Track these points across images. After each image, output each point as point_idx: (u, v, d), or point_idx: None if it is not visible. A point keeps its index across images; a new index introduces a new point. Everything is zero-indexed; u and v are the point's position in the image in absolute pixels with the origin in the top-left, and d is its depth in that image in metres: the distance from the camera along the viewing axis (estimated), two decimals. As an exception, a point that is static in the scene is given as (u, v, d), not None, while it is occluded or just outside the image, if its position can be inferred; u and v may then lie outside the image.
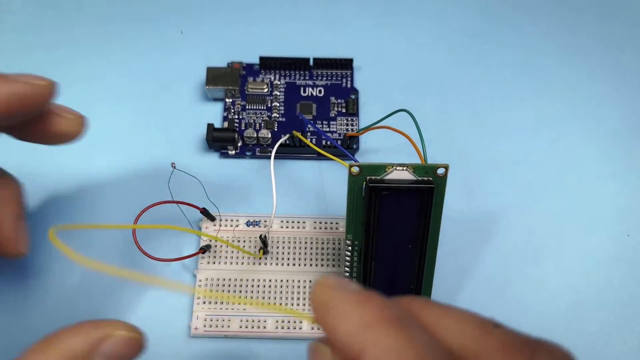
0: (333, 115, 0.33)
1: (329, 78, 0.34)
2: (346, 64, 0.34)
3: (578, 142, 0.34)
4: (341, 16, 0.37)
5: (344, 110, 0.33)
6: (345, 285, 0.16)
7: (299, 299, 0.28)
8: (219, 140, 0.31)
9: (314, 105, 0.33)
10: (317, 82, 0.34)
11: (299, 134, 0.30)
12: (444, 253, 0.29)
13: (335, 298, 0.16)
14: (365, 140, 0.33)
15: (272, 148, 0.29)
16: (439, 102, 0.35)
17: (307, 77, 0.34)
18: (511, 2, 0.38)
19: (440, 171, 0.24)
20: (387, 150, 0.32)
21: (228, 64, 0.34)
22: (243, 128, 0.33)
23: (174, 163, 0.27)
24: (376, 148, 0.33)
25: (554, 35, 0.37)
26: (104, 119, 0.32)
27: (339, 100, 0.34)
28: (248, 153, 0.32)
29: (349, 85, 0.34)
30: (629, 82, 0.36)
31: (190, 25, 0.37)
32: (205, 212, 0.29)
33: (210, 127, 0.31)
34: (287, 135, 0.30)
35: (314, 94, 0.34)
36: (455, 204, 0.31)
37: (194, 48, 0.36)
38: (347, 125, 0.33)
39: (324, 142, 0.32)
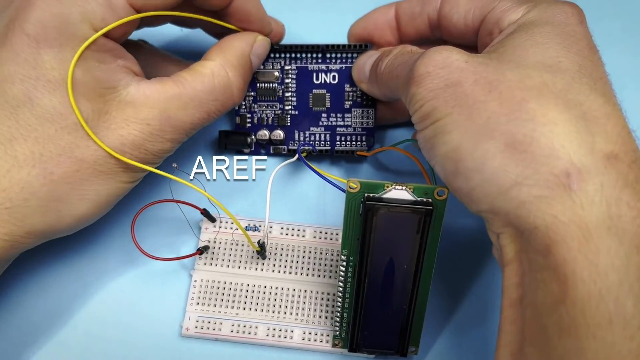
0: (348, 106, 0.31)
1: (344, 61, 0.31)
2: (362, 49, 0.31)
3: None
4: (353, 9, 0.35)
5: (359, 100, 0.31)
6: None
7: (292, 307, 0.28)
8: (231, 144, 0.31)
9: (328, 95, 0.31)
10: (331, 66, 0.31)
11: (305, 152, 0.30)
12: (440, 269, 0.29)
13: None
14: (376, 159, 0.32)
15: (285, 146, 0.28)
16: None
17: (319, 61, 0.31)
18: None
19: (441, 193, 0.23)
20: (395, 167, 0.32)
21: None
22: (256, 123, 0.32)
23: (175, 164, 0.27)
24: (385, 163, 0.32)
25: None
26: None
27: (354, 88, 0.31)
28: (262, 151, 0.32)
29: None
30: (628, 83, 0.34)
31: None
32: (205, 213, 0.29)
33: (221, 134, 0.31)
34: (295, 157, 0.29)
35: (328, 80, 0.31)
36: (454, 221, 0.30)
37: (196, 44, 0.35)
38: (362, 117, 0.31)
39: (337, 145, 0.31)
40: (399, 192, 0.23)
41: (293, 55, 0.31)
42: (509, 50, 0.21)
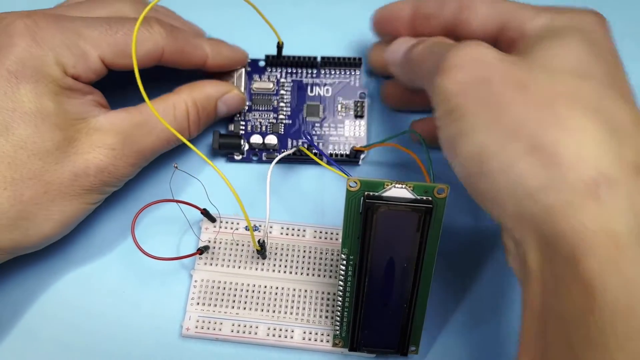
0: (340, 117, 0.32)
1: (337, 76, 0.33)
2: (355, 63, 0.33)
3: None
4: (348, 16, 0.36)
5: (352, 112, 0.33)
6: None
7: (292, 307, 0.28)
8: (225, 147, 0.31)
9: (321, 107, 0.33)
10: (325, 81, 0.33)
11: (304, 149, 0.30)
12: (440, 268, 0.29)
13: None
14: (374, 149, 0.32)
15: (278, 154, 0.29)
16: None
17: (314, 75, 0.33)
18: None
19: (440, 191, 0.23)
20: (393, 165, 0.32)
21: None
22: (249, 130, 0.32)
23: (176, 164, 0.27)
24: (383, 162, 0.32)
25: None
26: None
27: (347, 102, 0.33)
28: (254, 158, 0.32)
29: (357, 85, 0.33)
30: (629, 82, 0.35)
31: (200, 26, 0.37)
32: (205, 213, 0.29)
33: (216, 134, 0.31)
34: (294, 149, 0.30)
35: (322, 93, 0.33)
36: (454, 217, 0.30)
37: None
38: (354, 128, 0.32)
39: (330, 151, 0.32)
40: (398, 191, 0.23)
41: (289, 70, 0.33)
42: (538, 54, 0.21)
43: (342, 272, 0.26)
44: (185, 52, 0.29)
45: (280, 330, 0.28)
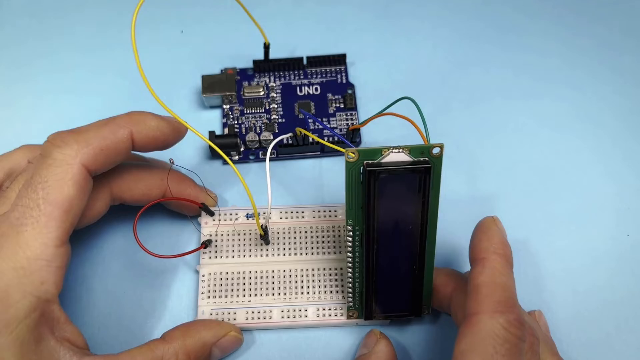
0: (332, 111, 0.33)
1: (324, 75, 0.34)
2: (339, 60, 0.34)
3: (578, 142, 0.33)
4: (332, 15, 0.37)
5: (342, 106, 0.33)
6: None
7: (302, 287, 0.29)
8: (222, 147, 0.31)
9: (312, 104, 0.33)
10: (313, 80, 0.34)
11: (302, 129, 0.30)
12: (442, 237, 0.29)
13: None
14: (368, 133, 0.33)
15: (274, 149, 0.29)
16: (437, 97, 0.35)
17: (301, 77, 0.34)
18: (511, 3, 0.39)
19: (436, 150, 0.24)
20: (390, 142, 0.32)
21: (221, 70, 0.34)
22: (244, 132, 0.33)
23: (172, 159, 0.27)
24: (379, 141, 0.33)
25: (554, 36, 0.37)
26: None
27: (336, 96, 0.34)
28: (252, 157, 0.32)
29: (344, 81, 0.34)
30: (628, 82, 0.35)
31: (187, 31, 0.37)
32: (204, 207, 0.29)
33: (211, 134, 0.31)
34: (290, 134, 0.30)
35: (311, 92, 0.34)
36: (452, 186, 0.31)
37: (188, 57, 0.36)
38: (347, 119, 0.33)
39: (325, 138, 0.32)
40: (396, 155, 0.24)
41: (277, 73, 0.34)
42: None
43: (349, 244, 0.26)
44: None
45: (294, 311, 0.28)
